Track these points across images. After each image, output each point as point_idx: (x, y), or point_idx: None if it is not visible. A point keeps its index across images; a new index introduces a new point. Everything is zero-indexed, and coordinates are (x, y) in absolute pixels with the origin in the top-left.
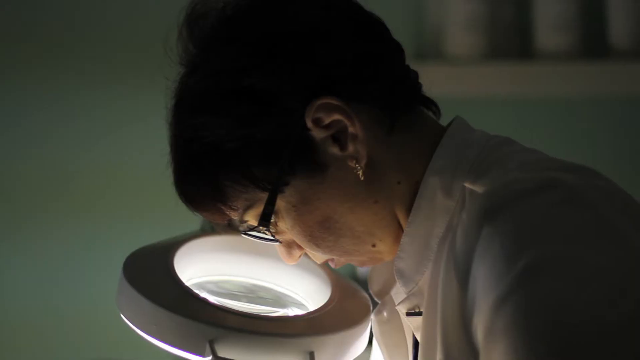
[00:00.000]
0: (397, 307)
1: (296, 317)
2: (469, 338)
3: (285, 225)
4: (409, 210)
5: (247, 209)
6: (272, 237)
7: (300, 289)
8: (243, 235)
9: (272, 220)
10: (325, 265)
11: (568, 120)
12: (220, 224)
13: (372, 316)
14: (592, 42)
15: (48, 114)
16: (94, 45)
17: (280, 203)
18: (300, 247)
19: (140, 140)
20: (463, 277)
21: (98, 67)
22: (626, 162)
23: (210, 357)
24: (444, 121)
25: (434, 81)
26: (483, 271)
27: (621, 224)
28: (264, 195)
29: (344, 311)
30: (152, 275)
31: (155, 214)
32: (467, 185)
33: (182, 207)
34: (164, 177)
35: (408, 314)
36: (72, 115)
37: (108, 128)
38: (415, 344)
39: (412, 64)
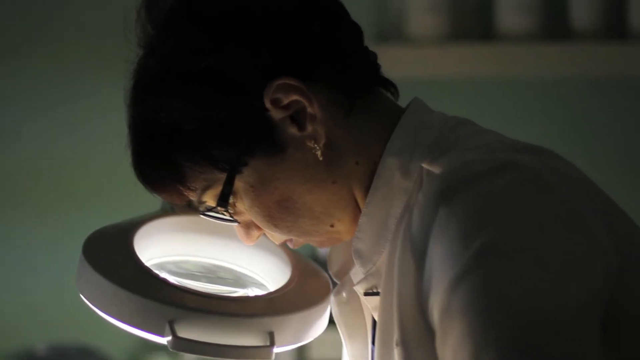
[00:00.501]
0: (355, 288)
1: (256, 297)
2: (425, 318)
3: (243, 205)
4: (367, 190)
5: (205, 189)
6: (230, 218)
7: (260, 269)
8: (201, 216)
9: (230, 201)
10: (285, 246)
11: (529, 100)
12: (179, 205)
13: (332, 297)
14: (554, 23)
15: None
16: (48, 44)
17: (238, 184)
18: (258, 228)
19: (102, 132)
20: (419, 257)
21: (52, 66)
22: (586, 142)
23: (170, 338)
24: (406, 102)
25: (397, 62)
26: (439, 252)
27: (578, 205)
28: (222, 176)
29: (304, 291)
30: (111, 256)
31: (117, 198)
32: (424, 166)
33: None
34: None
35: (366, 294)
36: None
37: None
38: (374, 324)
39: (374, 46)
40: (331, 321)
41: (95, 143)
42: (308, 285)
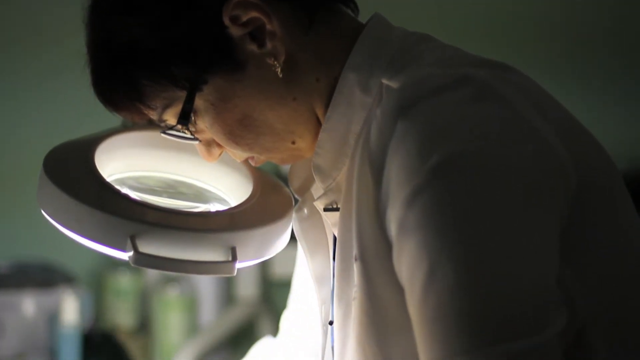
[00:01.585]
0: (315, 203)
1: (218, 212)
2: (383, 232)
3: (204, 123)
4: (327, 107)
5: (165, 108)
6: (191, 136)
7: (221, 184)
8: (162, 135)
9: (191, 119)
10: (247, 162)
11: None
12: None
13: (293, 213)
14: None
15: None
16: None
17: (199, 102)
18: (219, 146)
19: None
20: (377, 171)
21: None
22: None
23: (132, 253)
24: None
25: None
26: (396, 165)
27: (533, 118)
28: (183, 94)
29: (266, 206)
30: (72, 171)
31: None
32: (384, 81)
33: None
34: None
35: (326, 209)
36: None
37: None
38: (335, 240)
39: None
40: (293, 237)
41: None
42: (270, 201)
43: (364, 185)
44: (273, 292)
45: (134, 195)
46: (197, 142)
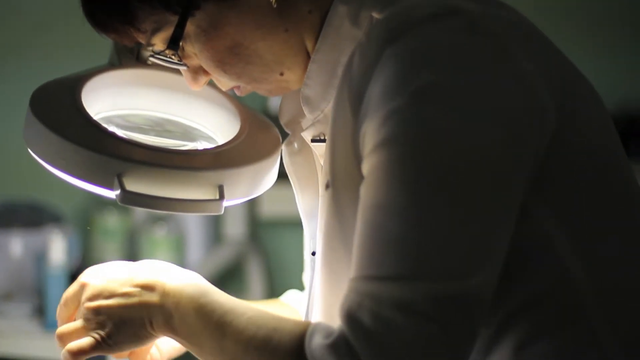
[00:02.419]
0: (302, 134)
1: (205, 150)
2: (357, 159)
3: (193, 49)
4: (317, 40)
5: (155, 31)
6: (178, 62)
7: (209, 122)
8: (150, 59)
9: (180, 45)
10: (234, 99)
11: None
12: (129, 57)
13: (283, 147)
14: None
15: None
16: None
17: (189, 27)
18: (206, 73)
19: None
20: (356, 98)
21: None
22: None
23: (119, 191)
24: None
25: None
26: (376, 91)
27: (519, 57)
28: (174, 19)
29: (253, 144)
30: (59, 109)
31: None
32: (374, 14)
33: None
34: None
35: (313, 140)
36: None
37: None
38: None
39: None
40: (281, 176)
41: None
42: (258, 139)
43: (341, 111)
44: (261, 232)
45: (121, 133)
46: (184, 69)
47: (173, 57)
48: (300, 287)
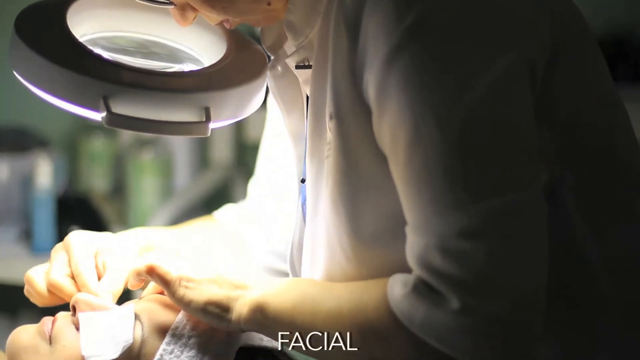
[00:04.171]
0: (287, 60)
1: (191, 72)
2: (359, 93)
3: None
4: None
5: None
6: (165, 0)
7: (195, 44)
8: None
9: None
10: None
11: None
12: None
13: (267, 72)
14: None
15: None
16: None
17: None
18: (194, 9)
19: None
20: (352, 30)
21: None
22: None
23: (105, 113)
24: None
25: None
26: (372, 25)
27: None
28: None
29: (240, 66)
30: (44, 32)
31: None
32: None
33: None
34: None
35: (297, 66)
36: None
37: None
38: (308, 99)
39: None
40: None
41: None
42: (244, 60)
43: (339, 44)
44: (247, 155)
45: (106, 55)
46: (171, 7)
47: None
48: None
